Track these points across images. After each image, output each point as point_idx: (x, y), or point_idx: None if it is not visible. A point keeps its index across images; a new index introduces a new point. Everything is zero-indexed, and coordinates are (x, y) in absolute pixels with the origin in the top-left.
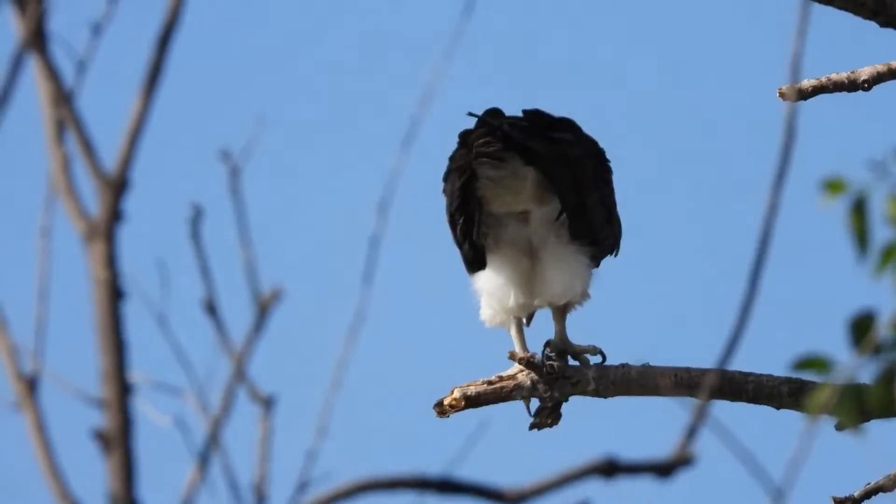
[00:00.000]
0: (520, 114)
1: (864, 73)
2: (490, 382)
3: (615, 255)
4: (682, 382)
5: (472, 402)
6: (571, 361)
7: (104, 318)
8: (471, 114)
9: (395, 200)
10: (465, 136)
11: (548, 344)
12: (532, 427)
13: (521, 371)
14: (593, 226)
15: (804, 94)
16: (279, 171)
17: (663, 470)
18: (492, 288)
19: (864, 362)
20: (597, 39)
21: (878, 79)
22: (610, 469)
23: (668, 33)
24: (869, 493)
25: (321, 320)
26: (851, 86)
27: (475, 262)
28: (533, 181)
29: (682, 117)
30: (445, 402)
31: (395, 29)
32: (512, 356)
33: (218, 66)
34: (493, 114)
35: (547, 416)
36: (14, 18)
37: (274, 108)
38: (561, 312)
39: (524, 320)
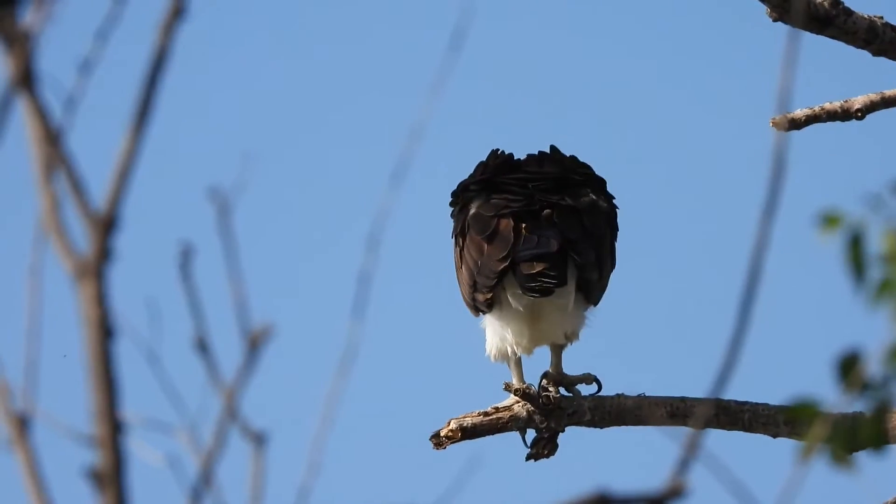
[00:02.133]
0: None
1: (858, 102)
2: (486, 414)
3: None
4: (678, 412)
5: (469, 433)
6: (564, 392)
7: (95, 357)
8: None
9: (385, 235)
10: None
11: (544, 375)
12: (528, 458)
13: (518, 402)
14: (605, 285)
15: (797, 124)
16: (269, 207)
17: (656, 502)
18: (495, 336)
19: (852, 400)
20: (591, 67)
21: (871, 108)
22: (602, 502)
23: (662, 63)
24: None
25: (312, 356)
26: (845, 115)
27: (480, 311)
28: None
29: (677, 149)
30: (442, 434)
31: (385, 63)
32: (508, 387)
33: (207, 103)
34: (495, 156)
35: (543, 447)
36: (1, 57)
37: (264, 142)
38: (558, 346)
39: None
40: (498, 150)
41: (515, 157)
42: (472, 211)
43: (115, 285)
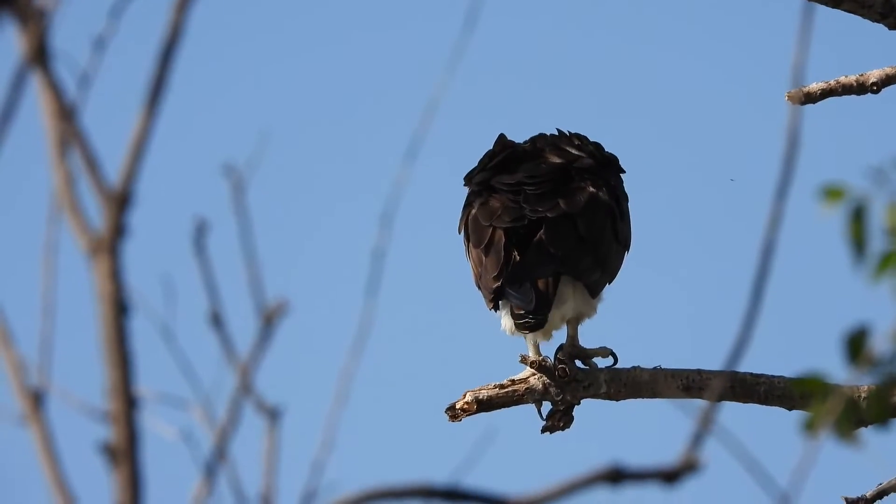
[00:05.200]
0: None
1: (873, 75)
2: (502, 386)
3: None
4: (694, 385)
5: (484, 405)
6: (580, 365)
7: (110, 332)
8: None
9: (399, 212)
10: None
11: (560, 348)
12: (544, 430)
13: (533, 374)
14: (613, 271)
15: (813, 98)
16: (283, 184)
17: (669, 476)
18: (509, 320)
19: (860, 376)
20: (598, 46)
21: (886, 81)
22: (616, 476)
23: (676, 39)
24: (881, 494)
25: (327, 331)
26: (860, 89)
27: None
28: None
29: (692, 125)
30: (457, 406)
31: (400, 43)
32: (524, 360)
33: (222, 80)
34: (502, 144)
35: (559, 420)
36: (16, 35)
37: (278, 121)
38: (574, 320)
39: None
40: (504, 136)
41: (522, 141)
42: (473, 212)
43: (129, 261)
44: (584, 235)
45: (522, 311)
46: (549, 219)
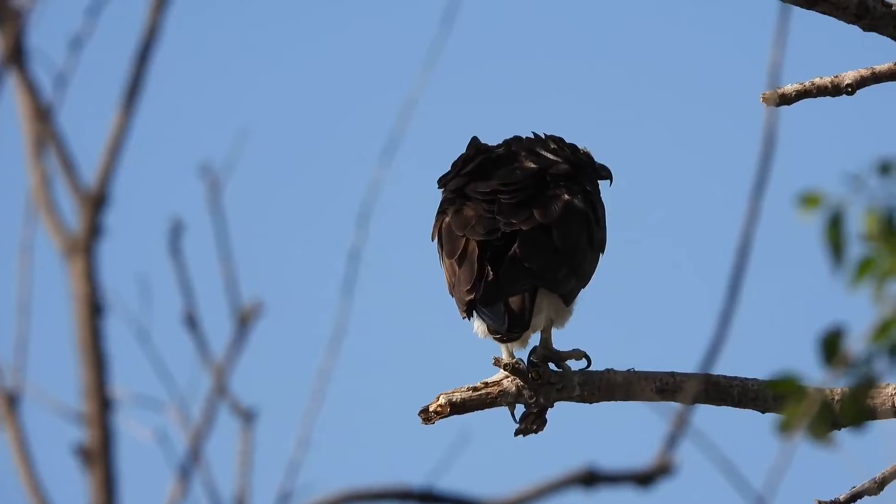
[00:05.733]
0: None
1: (848, 77)
2: (475, 389)
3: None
4: (667, 387)
5: (458, 408)
6: (553, 368)
7: (85, 333)
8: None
9: (375, 213)
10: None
11: (533, 350)
12: (517, 433)
13: (507, 377)
14: (588, 276)
15: (788, 99)
16: (259, 185)
17: (643, 479)
18: (482, 325)
19: (835, 377)
20: (573, 46)
21: (861, 83)
22: (590, 478)
23: (653, 40)
24: (855, 497)
25: (302, 332)
26: (835, 90)
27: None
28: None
29: (667, 128)
30: (431, 409)
31: (377, 42)
32: (497, 362)
33: (198, 80)
34: (477, 149)
35: (532, 422)
36: None
37: (255, 121)
38: (548, 325)
39: None
40: (477, 139)
41: (496, 144)
42: (447, 220)
43: (104, 262)
44: (559, 246)
45: (495, 331)
46: (523, 232)
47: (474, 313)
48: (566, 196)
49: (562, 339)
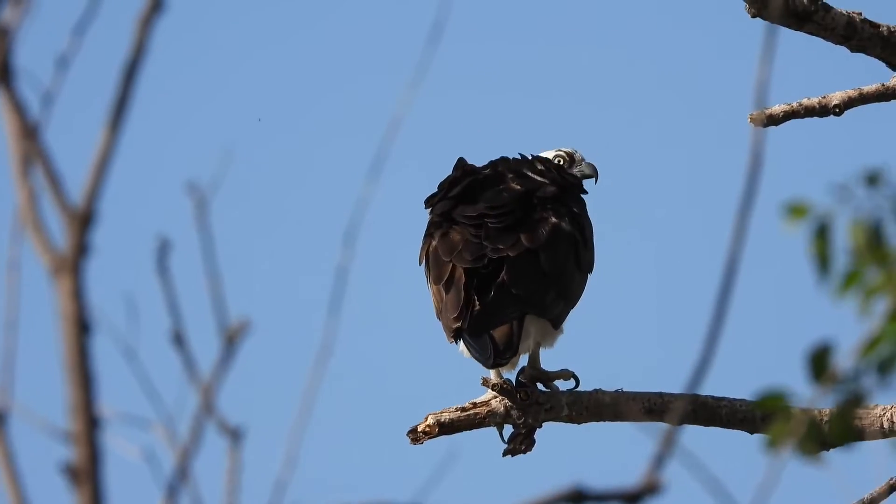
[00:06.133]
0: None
1: (836, 97)
2: (464, 409)
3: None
4: (655, 408)
5: (446, 428)
6: (542, 388)
7: (72, 352)
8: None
9: (362, 230)
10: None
11: (521, 371)
12: (506, 453)
13: (495, 397)
14: (575, 298)
15: (775, 120)
16: (247, 203)
17: (631, 498)
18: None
19: (823, 394)
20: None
21: (849, 104)
22: (578, 498)
23: (640, 59)
24: None
25: (289, 351)
26: (823, 111)
27: None
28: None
29: (654, 146)
30: (419, 429)
31: (363, 58)
32: (485, 382)
33: (185, 98)
34: (464, 170)
35: (521, 443)
36: None
37: (241, 139)
38: (536, 346)
39: None
40: (463, 160)
41: (483, 165)
42: (433, 244)
43: (92, 280)
44: (547, 270)
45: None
46: (510, 258)
47: (461, 339)
48: (553, 219)
49: (550, 359)
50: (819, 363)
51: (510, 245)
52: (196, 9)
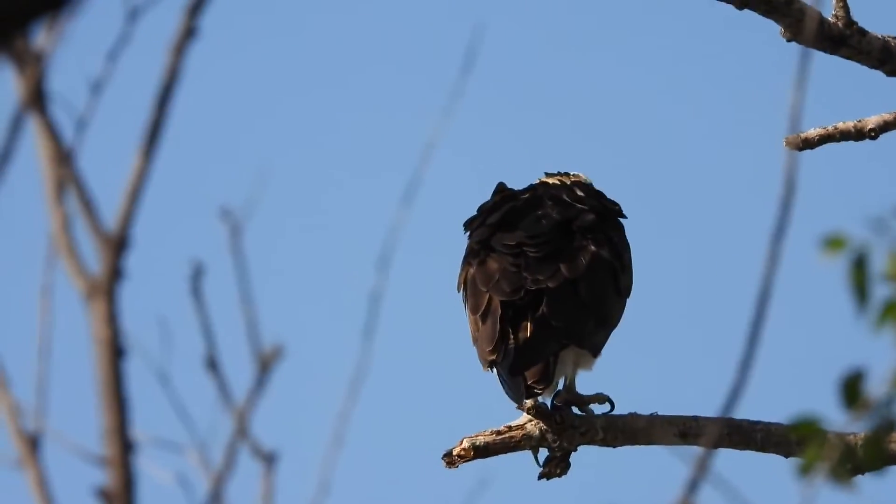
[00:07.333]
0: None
1: (871, 121)
2: (499, 432)
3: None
4: (690, 432)
5: (481, 452)
6: (577, 412)
7: (106, 376)
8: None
9: (395, 256)
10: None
11: (557, 394)
12: (541, 477)
13: (530, 421)
14: (613, 325)
15: (811, 143)
16: (281, 228)
17: None
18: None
19: (856, 420)
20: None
21: (884, 127)
22: None
23: (677, 83)
24: None
25: (324, 375)
26: (858, 135)
27: None
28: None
29: (690, 170)
30: (454, 453)
31: (396, 85)
32: (521, 406)
33: (219, 123)
34: (500, 190)
35: (556, 466)
36: (14, 78)
37: (275, 165)
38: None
39: None
40: (503, 185)
41: (522, 189)
42: (471, 272)
43: (125, 305)
44: (587, 300)
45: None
46: (550, 290)
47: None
48: (592, 248)
49: (585, 383)
50: (852, 389)
51: (549, 276)
52: (231, 33)
